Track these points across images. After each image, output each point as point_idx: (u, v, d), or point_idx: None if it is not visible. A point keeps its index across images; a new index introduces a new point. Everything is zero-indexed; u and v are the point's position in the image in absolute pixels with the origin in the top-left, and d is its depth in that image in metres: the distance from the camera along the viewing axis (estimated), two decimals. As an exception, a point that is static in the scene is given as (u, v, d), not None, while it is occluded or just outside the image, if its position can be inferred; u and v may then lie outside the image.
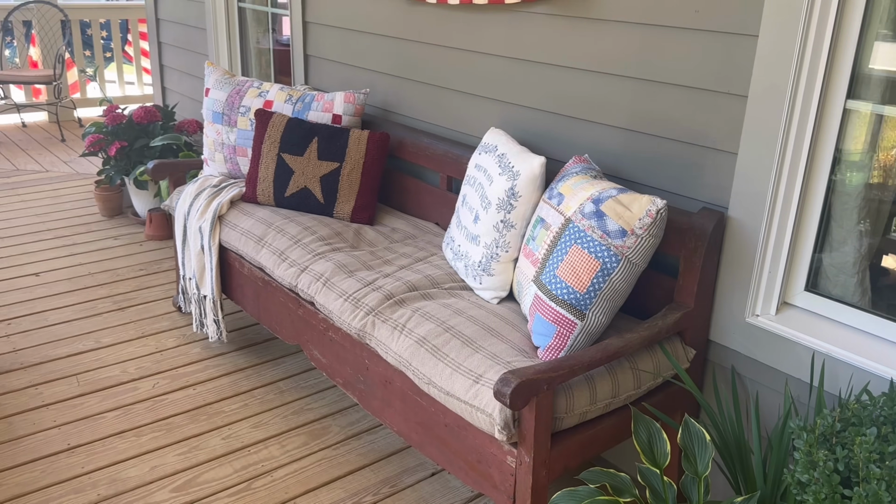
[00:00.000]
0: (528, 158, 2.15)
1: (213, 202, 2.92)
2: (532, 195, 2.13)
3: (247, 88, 3.09)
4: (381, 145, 2.85)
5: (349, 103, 2.96)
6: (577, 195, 1.95)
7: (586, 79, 2.28)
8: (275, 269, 2.57)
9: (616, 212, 1.84)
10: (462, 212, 2.40)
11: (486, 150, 2.35)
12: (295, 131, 2.88)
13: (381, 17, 3.04)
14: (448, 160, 2.73)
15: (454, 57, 2.76)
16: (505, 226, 2.17)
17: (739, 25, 1.85)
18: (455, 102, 2.81)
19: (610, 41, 2.18)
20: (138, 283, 3.63)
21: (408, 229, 2.81)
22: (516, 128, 2.57)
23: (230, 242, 2.81)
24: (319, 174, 2.83)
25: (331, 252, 2.54)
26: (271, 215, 2.80)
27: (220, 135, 3.09)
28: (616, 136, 2.23)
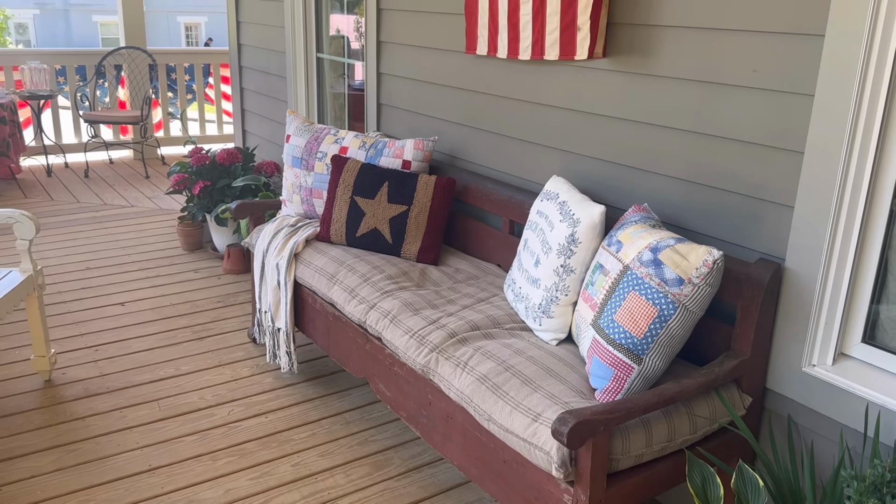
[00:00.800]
0: (588, 206, 2.25)
1: (290, 241, 3.11)
2: (592, 242, 2.23)
3: (324, 135, 3.29)
4: (447, 190, 2.99)
5: (418, 150, 3.12)
6: (636, 243, 2.04)
7: (646, 131, 2.37)
8: (345, 305, 2.72)
9: (673, 261, 1.91)
10: (524, 255, 2.50)
11: (547, 197, 2.46)
12: (367, 176, 3.05)
13: (449, 70, 3.21)
14: (511, 205, 2.85)
15: (518, 108, 2.89)
16: (565, 270, 2.26)
17: (796, 85, 1.92)
18: (518, 150, 2.94)
19: (668, 96, 2.28)
20: (216, 314, 3.84)
21: (471, 270, 2.92)
22: (577, 176, 2.67)
23: (304, 279, 2.98)
24: (389, 216, 2.99)
25: (398, 290, 2.68)
26: (343, 254, 2.96)
27: (299, 178, 3.29)
28: (675, 187, 2.31)
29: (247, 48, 5.11)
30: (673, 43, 2.24)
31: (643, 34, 2.33)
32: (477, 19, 2.96)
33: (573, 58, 2.55)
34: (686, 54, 2.21)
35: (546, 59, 2.67)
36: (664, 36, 2.27)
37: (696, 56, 2.17)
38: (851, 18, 1.76)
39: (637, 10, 2.34)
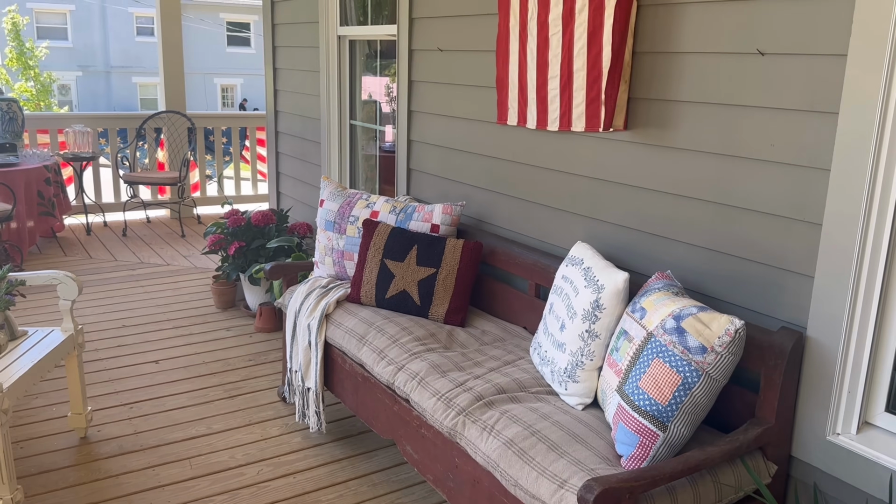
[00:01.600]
0: (612, 273, 2.31)
1: (321, 302, 3.20)
2: (616, 308, 2.28)
3: (356, 200, 3.42)
4: (474, 253, 3.08)
5: (447, 214, 3.22)
6: (659, 310, 2.09)
7: (667, 200, 2.45)
8: (374, 366, 2.79)
9: (696, 329, 1.96)
10: (549, 319, 2.56)
11: (572, 262, 2.53)
12: (397, 239, 3.15)
13: (478, 139, 3.33)
14: (537, 269, 2.92)
15: (545, 175, 2.99)
16: (590, 335, 2.31)
17: (812, 159, 1.99)
18: (544, 216, 3.02)
19: (688, 168, 2.35)
20: (247, 372, 3.92)
21: (497, 332, 2.98)
22: (601, 242, 2.74)
23: (335, 339, 3.05)
24: (417, 278, 3.07)
25: (426, 352, 2.74)
26: (373, 315, 3.04)
27: (331, 241, 3.40)
28: (697, 255, 2.37)
29: (283, 114, 5.32)
30: (691, 117, 2.33)
31: (662, 109, 2.43)
32: (507, 92, 3.08)
33: (598, 130, 2.65)
34: (704, 128, 2.29)
35: (573, 130, 2.78)
36: (683, 111, 2.36)
37: (714, 130, 2.26)
38: (863, 97, 1.83)
39: (656, 86, 2.44)
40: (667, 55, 2.40)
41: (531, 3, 2.88)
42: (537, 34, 2.87)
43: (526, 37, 2.93)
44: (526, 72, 2.96)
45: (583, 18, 2.66)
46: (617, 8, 2.50)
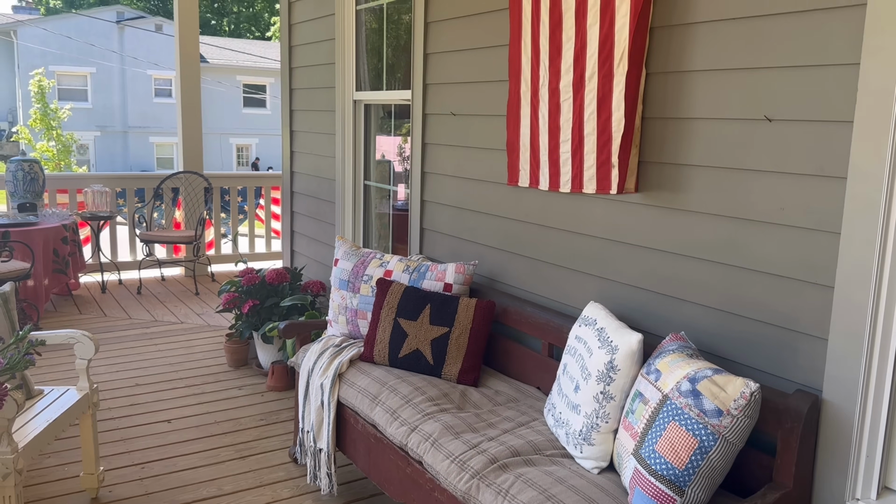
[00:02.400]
0: (626, 334, 2.32)
1: (334, 361, 3.21)
2: (630, 369, 2.28)
3: (370, 259, 3.46)
4: (487, 312, 3.09)
5: (459, 273, 3.26)
6: (674, 373, 2.09)
7: (679, 262, 2.47)
8: (387, 426, 2.78)
9: (711, 392, 1.96)
10: (563, 380, 2.56)
11: (586, 322, 2.55)
12: (410, 298, 3.18)
13: (490, 199, 3.39)
14: (550, 328, 2.93)
15: (557, 235, 3.03)
16: (605, 397, 2.31)
17: (822, 223, 2.02)
18: (556, 275, 3.05)
19: (699, 230, 2.39)
20: (258, 432, 3.90)
21: (510, 392, 2.97)
22: (614, 302, 2.76)
23: (347, 399, 3.05)
24: (430, 337, 3.09)
25: (439, 413, 2.73)
26: (386, 375, 3.04)
27: (345, 300, 3.43)
28: (710, 316, 2.38)
29: (298, 175, 5.43)
30: (701, 181, 2.38)
31: (673, 172, 2.48)
32: (519, 155, 3.15)
33: (609, 192, 2.70)
34: (714, 192, 2.33)
35: (584, 192, 2.83)
36: (692, 174, 2.41)
37: (724, 193, 2.30)
38: (871, 162, 1.87)
39: (666, 150, 2.50)
40: (676, 121, 2.46)
41: (542, 71, 2.97)
42: (549, 100, 2.95)
43: (538, 102, 3.02)
44: (538, 135, 3.03)
45: (592, 85, 2.74)
46: (627, 76, 2.58)
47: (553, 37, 2.90)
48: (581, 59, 2.78)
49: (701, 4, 2.35)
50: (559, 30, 2.87)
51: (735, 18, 2.24)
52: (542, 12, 2.93)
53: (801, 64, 2.06)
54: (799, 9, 2.06)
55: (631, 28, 2.56)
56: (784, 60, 2.10)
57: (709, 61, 2.33)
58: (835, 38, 1.98)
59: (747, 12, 2.20)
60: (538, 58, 2.99)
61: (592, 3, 2.70)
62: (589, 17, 2.73)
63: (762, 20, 2.16)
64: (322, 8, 4.81)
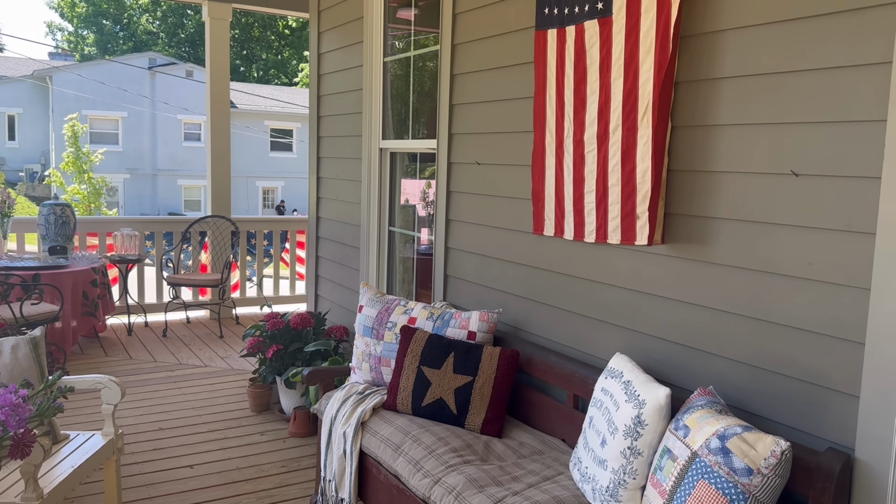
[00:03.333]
0: (653, 388, 2.29)
1: (357, 409, 3.20)
2: (658, 424, 2.25)
3: (394, 306, 3.47)
4: (511, 362, 3.08)
5: (483, 321, 3.25)
6: (703, 429, 2.06)
7: (706, 315, 2.46)
8: (410, 478, 2.75)
9: (741, 450, 1.93)
10: (589, 434, 2.53)
11: (612, 374, 2.52)
12: (434, 346, 3.18)
13: (515, 248, 3.40)
14: (575, 379, 2.91)
15: (582, 285, 3.03)
16: (632, 452, 2.28)
17: (851, 278, 2.00)
18: (581, 325, 3.04)
19: (726, 283, 2.38)
20: (280, 479, 3.88)
21: (535, 444, 2.94)
22: (640, 354, 2.74)
23: (370, 448, 3.04)
24: (454, 386, 3.08)
25: (462, 464, 2.71)
26: (409, 424, 3.03)
27: (369, 346, 3.44)
28: (739, 370, 2.35)
29: (324, 220, 5.50)
30: (727, 234, 2.37)
31: (699, 225, 2.48)
32: (544, 204, 3.17)
33: (633, 243, 2.70)
34: (741, 245, 2.33)
35: (609, 242, 2.83)
36: (718, 227, 2.40)
37: (751, 247, 2.29)
38: (900, 219, 1.86)
39: (692, 203, 2.50)
40: (703, 174, 2.47)
41: (566, 123, 3.01)
42: (573, 151, 2.98)
43: (562, 153, 3.05)
44: (563, 185, 3.05)
45: (616, 138, 2.76)
46: (652, 129, 2.60)
47: (577, 90, 2.94)
48: (605, 112, 2.81)
49: (726, 61, 2.38)
50: (584, 83, 2.91)
51: (761, 74, 2.26)
52: (567, 66, 2.98)
53: (828, 120, 2.07)
54: (825, 66, 2.08)
55: (655, 82, 2.59)
56: (811, 116, 2.12)
57: (734, 115, 2.35)
58: (861, 95, 1.99)
59: (773, 68, 2.22)
60: (563, 110, 3.03)
61: (616, 57, 2.75)
62: (613, 70, 2.77)
63: (788, 76, 2.18)
64: (350, 60, 4.92)
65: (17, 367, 3.00)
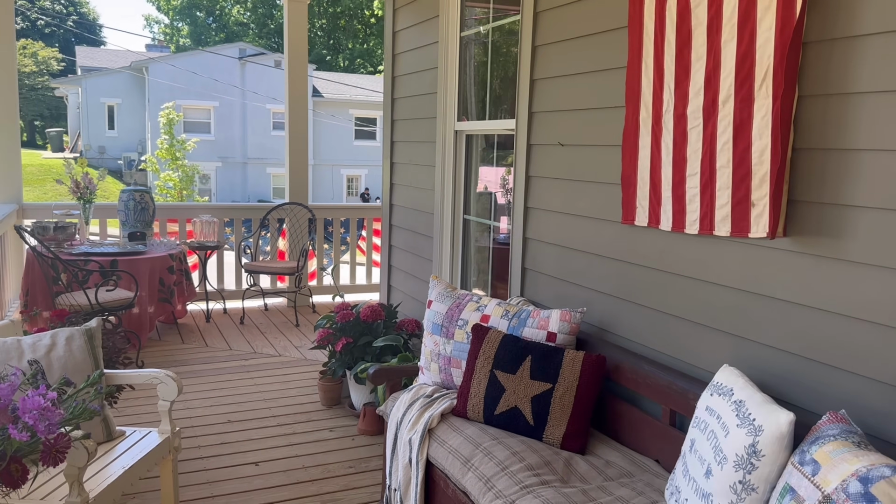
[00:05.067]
0: (772, 412, 1.90)
1: (424, 414, 2.92)
2: (778, 455, 1.86)
3: (466, 302, 3.16)
4: (596, 369, 2.72)
5: (565, 321, 2.90)
6: (838, 467, 1.66)
7: (840, 323, 2.03)
8: (480, 497, 2.45)
9: (892, 498, 1.52)
10: (690, 459, 2.15)
11: (719, 391, 2.13)
12: (509, 348, 2.85)
13: (602, 240, 3.03)
14: (672, 393, 2.52)
15: (681, 284, 2.63)
16: (744, 488, 1.89)
17: None
18: (680, 330, 2.64)
19: (866, 285, 1.94)
20: (346, 481, 3.66)
21: (624, 465, 2.58)
22: (751, 367, 2.33)
23: (437, 459, 2.75)
24: (531, 394, 2.74)
25: (539, 486, 2.38)
26: (480, 434, 2.72)
27: (438, 345, 3.14)
28: (879, 392, 1.92)
29: (397, 208, 5.24)
30: (869, 225, 1.94)
31: (832, 214, 2.05)
32: (636, 190, 2.79)
33: (747, 235, 2.29)
34: (886, 239, 1.89)
35: (716, 234, 2.43)
36: (858, 217, 1.97)
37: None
38: None
39: (824, 188, 2.07)
40: (838, 152, 2.04)
41: (666, 95, 2.61)
42: (674, 127, 2.58)
43: (660, 130, 2.65)
44: (659, 168, 2.66)
45: (727, 110, 2.35)
46: (773, 99, 2.18)
47: (680, 56, 2.54)
48: (714, 81, 2.40)
49: (870, 14, 1.94)
50: (688, 48, 2.51)
51: (916, 26, 1.81)
52: (668, 29, 2.58)
53: None
54: None
55: (778, 43, 2.16)
56: None
57: (881, 80, 1.91)
58: None
59: (934, 18, 1.77)
60: (662, 80, 2.63)
61: (729, 15, 2.33)
62: (724, 32, 2.36)
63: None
64: (426, 36, 4.62)
65: (71, 360, 2.86)
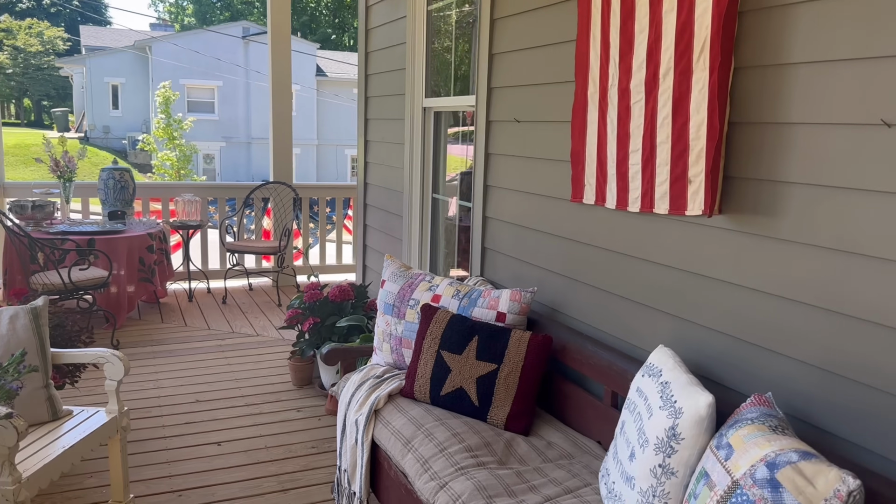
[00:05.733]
0: (693, 394, 1.84)
1: (372, 395, 2.89)
2: (698, 439, 1.81)
3: (419, 282, 3.12)
4: (541, 349, 2.67)
5: (514, 301, 2.85)
6: (750, 452, 1.61)
7: (771, 303, 1.97)
8: (416, 478, 2.42)
9: (796, 485, 1.47)
10: (619, 442, 2.10)
11: (650, 372, 2.08)
12: (456, 328, 2.80)
13: (553, 218, 2.96)
14: (612, 373, 2.48)
15: (626, 263, 2.57)
16: (664, 472, 1.85)
17: (962, 262, 1.49)
18: (624, 310, 2.59)
19: (797, 265, 1.88)
20: (307, 461, 3.64)
21: (565, 446, 2.54)
22: (688, 348, 2.27)
23: (381, 440, 2.72)
24: (476, 375, 2.70)
25: (475, 468, 2.34)
26: (424, 415, 2.69)
27: (390, 325, 3.10)
28: (807, 374, 1.86)
29: (371, 187, 5.18)
30: (800, 202, 1.87)
31: (768, 191, 1.98)
32: (584, 167, 2.72)
33: (684, 213, 2.22)
34: (816, 216, 1.83)
35: (656, 212, 2.36)
36: (789, 194, 1.90)
37: (828, 219, 1.79)
38: None
39: (761, 163, 2.00)
40: (773, 126, 1.96)
41: (612, 69, 2.53)
42: (618, 102, 2.51)
43: (606, 106, 2.58)
44: (605, 144, 2.59)
45: (667, 84, 2.28)
46: (710, 71, 2.11)
47: (624, 28, 2.46)
48: (655, 53, 2.33)
49: (802, -21, 1.85)
50: (631, 19, 2.43)
51: (846, -6, 1.73)
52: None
53: (936, 48, 1.54)
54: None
55: (714, 12, 2.09)
56: (911, 45, 1.59)
57: (813, 50, 1.83)
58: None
59: (862, -16, 1.69)
60: (608, 53, 2.56)
61: (669, -16, 2.25)
62: (665, 1, 2.28)
63: (883, -6, 1.65)
64: (396, 10, 4.54)
65: (15, 339, 2.83)
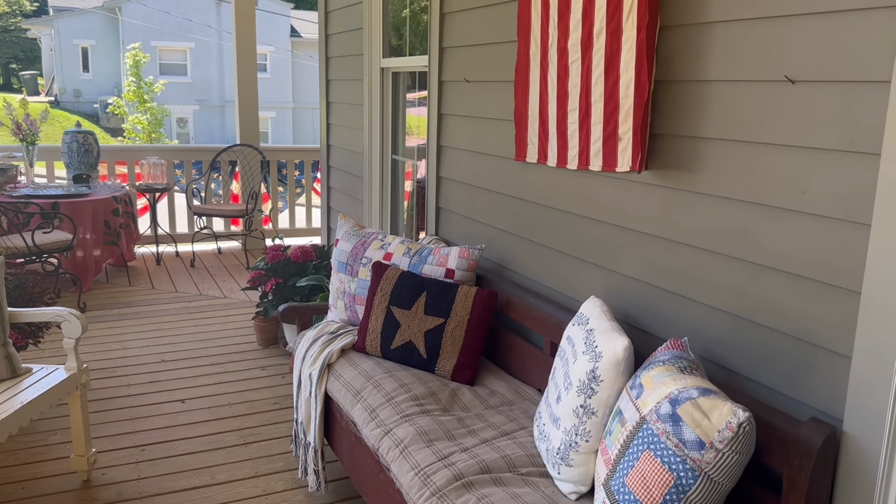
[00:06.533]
0: (612, 339, 1.96)
1: (324, 350, 2.98)
2: (616, 380, 1.93)
3: (371, 240, 3.19)
4: (487, 303, 2.77)
5: (463, 258, 2.94)
6: (657, 390, 1.73)
7: (689, 254, 2.07)
8: (363, 427, 2.53)
9: (693, 418, 1.59)
10: (550, 386, 2.22)
11: (579, 321, 2.19)
12: (405, 285, 2.89)
13: (500, 177, 3.05)
14: (551, 324, 2.59)
15: (564, 219, 2.66)
16: (585, 412, 1.96)
17: (849, 212, 1.59)
18: (563, 264, 2.69)
19: (712, 217, 1.98)
20: (269, 417, 3.74)
21: (507, 394, 2.65)
22: (618, 298, 2.38)
23: (333, 392, 2.82)
24: (424, 329, 2.80)
25: (419, 415, 2.45)
26: (374, 368, 2.79)
27: (343, 283, 3.19)
28: (721, 320, 1.98)
29: (334, 149, 5.22)
30: (716, 157, 1.97)
31: (689, 147, 2.07)
32: (527, 126, 2.79)
33: (615, 169, 2.31)
34: (730, 171, 1.92)
35: (591, 169, 2.45)
36: (706, 149, 2.00)
37: (740, 172, 1.88)
38: (911, 134, 1.43)
39: (684, 120, 2.09)
40: (694, 84, 2.05)
41: (551, 28, 2.59)
42: (558, 61, 2.58)
43: (547, 65, 2.65)
44: (547, 104, 2.66)
45: (601, 43, 2.35)
46: (637, 30, 2.18)
47: (562, -12, 2.52)
48: (590, 13, 2.39)
49: (719, -60, 1.92)
50: (568, -20, 2.48)
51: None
52: (550, -40, 2.55)
53: (830, 9, 1.62)
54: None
55: (641, -27, 2.15)
56: (809, 5, 1.67)
57: (727, 9, 1.91)
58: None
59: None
60: (548, 12, 2.61)
61: (600, -55, 2.30)
62: (598, -37, 2.33)
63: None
64: (354, -30, 4.53)
65: (-29, 299, 2.89)
